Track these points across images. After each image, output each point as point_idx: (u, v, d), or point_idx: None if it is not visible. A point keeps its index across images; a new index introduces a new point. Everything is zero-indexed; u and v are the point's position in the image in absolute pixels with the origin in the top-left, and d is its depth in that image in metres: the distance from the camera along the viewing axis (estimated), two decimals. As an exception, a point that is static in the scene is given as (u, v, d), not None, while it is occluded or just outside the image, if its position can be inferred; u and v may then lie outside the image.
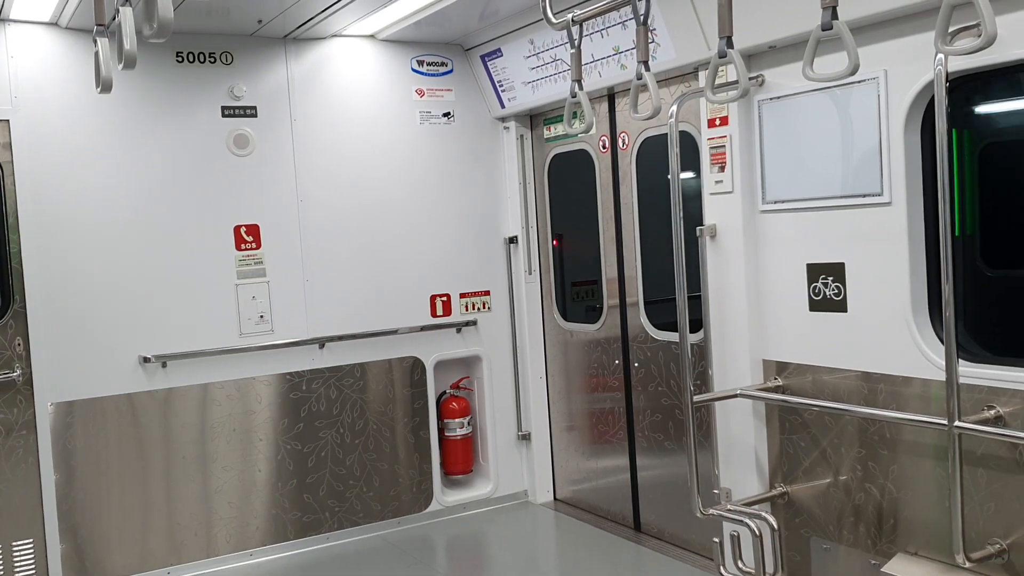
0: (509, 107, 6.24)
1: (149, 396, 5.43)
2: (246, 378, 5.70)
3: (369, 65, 6.04)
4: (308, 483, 5.89)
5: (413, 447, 6.22)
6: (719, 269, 4.65)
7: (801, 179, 4.27)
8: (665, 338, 5.49)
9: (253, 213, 5.71)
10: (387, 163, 6.10)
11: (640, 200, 5.61)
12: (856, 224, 4.03)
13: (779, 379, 4.47)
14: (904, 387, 3.89)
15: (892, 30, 3.76)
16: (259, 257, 5.74)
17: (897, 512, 4.01)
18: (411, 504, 6.23)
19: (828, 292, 4.19)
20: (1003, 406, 3.52)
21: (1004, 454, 3.55)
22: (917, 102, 3.72)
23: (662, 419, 5.57)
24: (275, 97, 5.76)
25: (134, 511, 5.42)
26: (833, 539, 4.32)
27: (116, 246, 5.35)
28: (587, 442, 6.29)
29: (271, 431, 5.78)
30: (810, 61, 2.71)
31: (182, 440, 5.54)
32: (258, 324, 5.73)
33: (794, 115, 4.26)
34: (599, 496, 6.25)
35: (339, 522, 5.98)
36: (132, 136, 5.39)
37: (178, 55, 5.48)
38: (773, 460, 4.57)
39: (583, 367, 6.23)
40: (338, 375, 5.97)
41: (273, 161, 5.76)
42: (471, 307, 6.40)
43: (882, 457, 4.04)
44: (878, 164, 3.89)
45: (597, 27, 5.07)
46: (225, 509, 5.66)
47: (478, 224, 6.42)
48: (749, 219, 4.52)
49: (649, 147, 5.51)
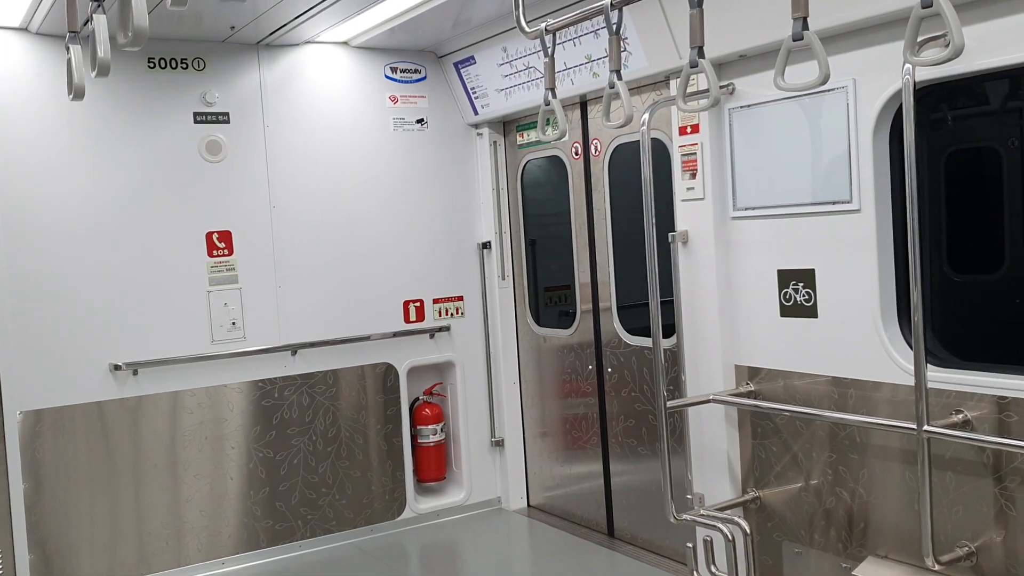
0: (482, 114, 6.25)
1: (120, 404, 5.38)
2: (218, 385, 5.66)
3: (342, 72, 6.03)
4: (280, 491, 5.85)
5: (386, 454, 6.21)
6: (691, 275, 4.69)
7: (771, 186, 4.31)
8: (638, 343, 5.51)
9: (225, 219, 5.68)
10: (360, 169, 6.09)
11: (612, 206, 5.64)
12: (826, 231, 4.08)
13: (751, 384, 4.51)
14: (874, 392, 3.94)
15: (860, 40, 3.81)
16: (231, 264, 5.71)
17: (867, 516, 4.06)
18: (384, 512, 6.21)
19: (799, 298, 4.24)
20: (970, 410, 3.58)
21: (972, 458, 3.60)
22: (885, 111, 3.78)
23: (635, 424, 5.59)
24: (248, 103, 5.74)
25: (104, 520, 5.37)
26: (805, 543, 4.36)
27: (87, 252, 5.30)
28: (561, 448, 6.31)
29: (243, 439, 5.74)
30: (781, 71, 2.74)
31: (153, 448, 5.49)
32: (230, 331, 5.69)
33: (764, 123, 4.31)
34: (573, 502, 6.26)
35: (311, 530, 5.95)
36: (103, 142, 5.35)
37: (150, 61, 5.45)
38: (745, 465, 4.61)
39: (556, 373, 6.25)
40: (310, 382, 5.94)
41: (245, 167, 5.74)
42: (444, 313, 6.41)
43: (852, 461, 4.09)
44: (847, 172, 3.94)
45: (570, 36, 5.10)
46: (196, 518, 5.61)
47: (451, 230, 6.43)
48: (720, 226, 4.56)
49: (621, 154, 5.54)
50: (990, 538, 3.58)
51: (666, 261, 4.69)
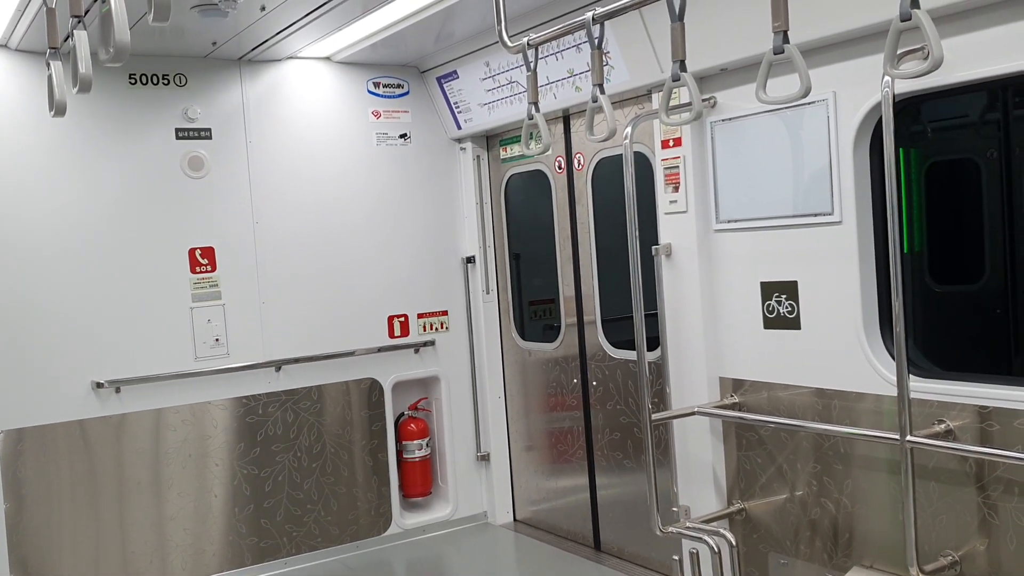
0: (465, 128, 6.26)
1: (102, 422, 5.34)
2: (201, 402, 5.63)
3: (325, 87, 6.03)
4: (265, 508, 5.82)
5: (371, 470, 6.18)
6: (675, 287, 4.70)
7: (753, 199, 4.34)
8: (623, 356, 5.52)
9: (208, 236, 5.66)
10: (344, 184, 6.09)
11: (596, 219, 5.65)
12: (808, 243, 4.10)
13: (735, 396, 4.52)
14: (857, 403, 3.96)
15: (840, 53, 3.84)
16: (214, 280, 5.68)
17: (852, 526, 4.07)
18: (369, 528, 6.18)
19: (782, 310, 4.26)
20: (953, 420, 3.60)
21: (954, 467, 3.62)
22: (865, 123, 3.81)
23: (621, 437, 5.59)
24: (230, 119, 5.73)
25: (87, 540, 5.32)
26: (790, 554, 4.37)
27: (69, 269, 5.27)
28: (546, 462, 6.30)
29: (227, 456, 5.71)
30: (763, 84, 2.76)
31: (136, 466, 5.45)
32: (213, 347, 5.67)
33: (746, 136, 4.33)
34: (559, 516, 6.25)
35: (297, 547, 5.91)
36: (85, 159, 5.32)
37: (131, 77, 5.43)
38: (730, 477, 4.61)
39: (542, 386, 6.25)
40: (295, 398, 5.92)
41: (228, 183, 5.72)
42: (429, 327, 6.40)
43: (837, 472, 4.10)
44: (828, 184, 3.96)
45: (552, 50, 5.12)
46: (180, 536, 5.57)
47: (435, 244, 6.43)
48: (703, 238, 4.58)
49: (604, 167, 5.56)
50: (974, 547, 3.60)
51: (650, 274, 4.70)
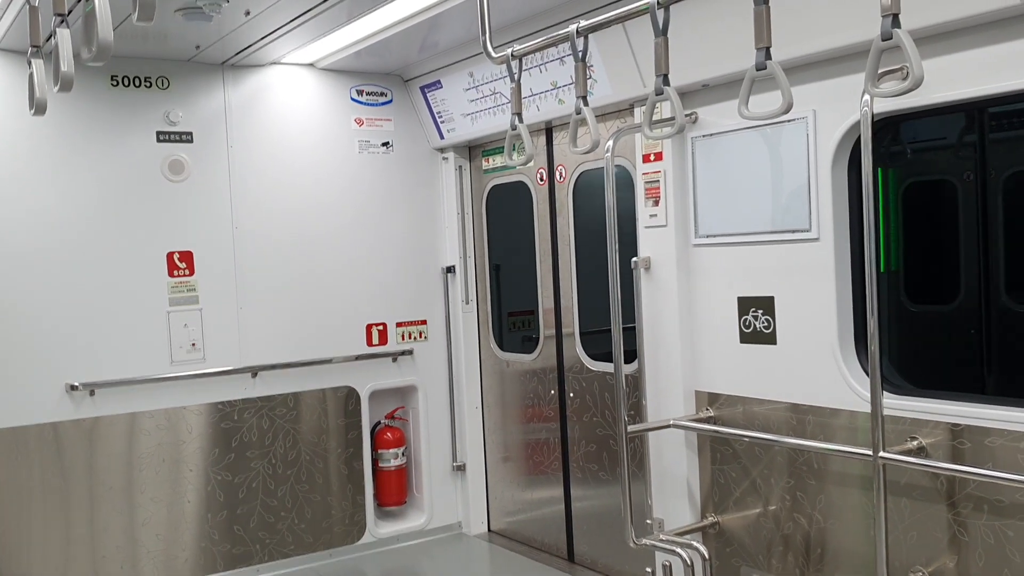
0: (448, 138, 6.28)
1: (75, 425, 5.30)
2: (176, 407, 5.59)
3: (308, 94, 6.03)
4: (239, 514, 5.78)
5: (346, 478, 6.16)
6: (653, 301, 4.73)
7: (733, 214, 4.37)
8: (600, 369, 5.53)
9: (187, 239, 5.63)
10: (325, 191, 6.08)
11: (576, 232, 5.68)
12: (785, 259, 4.14)
13: (711, 410, 4.54)
14: (831, 418, 3.98)
15: (820, 72, 3.89)
16: (192, 284, 5.66)
17: (824, 541, 4.09)
18: (343, 536, 6.15)
19: (758, 325, 4.28)
20: (925, 437, 3.63)
21: (926, 484, 3.65)
22: (844, 141, 3.85)
23: (596, 449, 5.60)
24: (212, 123, 5.71)
25: (57, 544, 5.26)
26: (763, 568, 4.38)
27: (44, 270, 5.23)
28: (522, 473, 6.29)
29: (201, 461, 5.67)
30: (745, 100, 2.78)
31: (109, 471, 5.40)
32: (190, 352, 5.63)
33: (726, 152, 4.37)
34: (533, 527, 6.25)
35: (270, 554, 5.88)
36: (64, 160, 5.29)
37: (113, 79, 5.41)
38: (705, 490, 4.63)
39: (519, 397, 6.25)
40: (271, 404, 5.89)
41: (208, 188, 5.70)
42: (407, 336, 6.39)
43: (810, 487, 4.12)
44: (807, 201, 4.00)
45: (536, 62, 5.15)
46: (152, 541, 5.52)
47: (416, 253, 6.42)
48: (682, 252, 4.61)
49: (586, 180, 5.59)
50: (943, 563, 3.62)
51: (629, 287, 4.72)
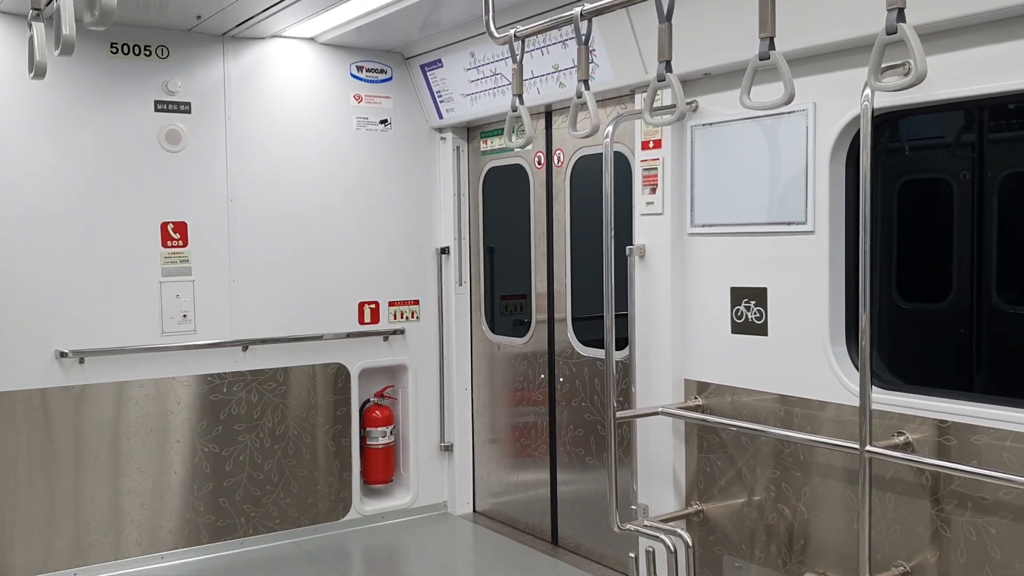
0: (447, 118, 6.26)
1: (63, 392, 5.29)
2: (165, 378, 5.59)
3: (308, 68, 6.00)
4: (224, 487, 5.79)
5: (333, 454, 6.17)
6: (646, 289, 4.73)
7: (729, 204, 4.37)
8: (591, 354, 5.54)
9: (181, 210, 5.62)
10: (321, 167, 6.06)
11: (572, 217, 5.67)
12: (780, 251, 4.14)
13: (699, 398, 4.56)
14: (819, 411, 4.00)
15: (821, 65, 3.88)
16: (185, 255, 5.64)
17: (808, 532, 4.12)
18: (328, 512, 6.17)
19: (750, 316, 4.29)
20: (912, 433, 3.65)
21: (911, 479, 3.68)
22: (843, 135, 3.85)
23: (584, 434, 5.62)
24: (210, 94, 5.69)
25: (41, 510, 5.27)
26: (745, 557, 4.41)
27: (37, 236, 5.21)
28: (509, 455, 6.31)
29: (188, 432, 5.67)
30: (747, 89, 2.78)
31: (96, 438, 5.40)
32: (181, 323, 5.63)
33: (725, 142, 4.37)
34: (518, 509, 6.27)
35: (254, 527, 5.89)
36: (60, 127, 5.26)
37: (112, 46, 5.38)
38: (690, 478, 4.65)
39: (509, 380, 6.26)
40: (260, 379, 5.89)
41: (205, 159, 5.68)
42: (399, 316, 6.39)
43: (795, 478, 4.15)
44: (804, 194, 4.00)
45: (538, 44, 5.13)
46: (137, 510, 5.53)
47: (410, 233, 6.42)
48: (677, 241, 4.61)
49: (583, 165, 5.58)
50: (925, 558, 3.66)
51: (623, 274, 4.73)
